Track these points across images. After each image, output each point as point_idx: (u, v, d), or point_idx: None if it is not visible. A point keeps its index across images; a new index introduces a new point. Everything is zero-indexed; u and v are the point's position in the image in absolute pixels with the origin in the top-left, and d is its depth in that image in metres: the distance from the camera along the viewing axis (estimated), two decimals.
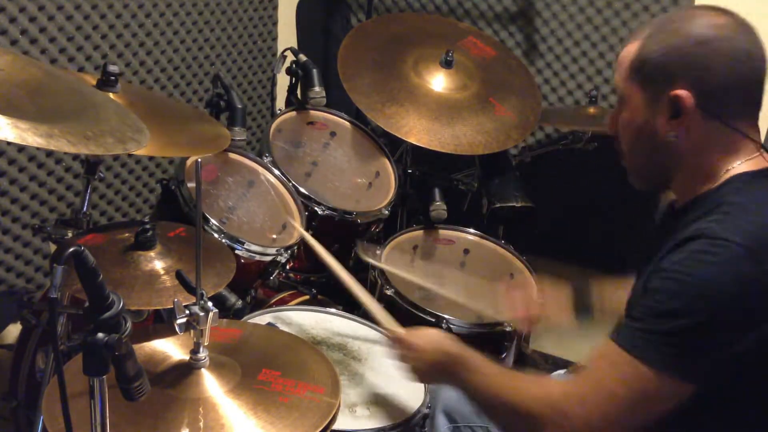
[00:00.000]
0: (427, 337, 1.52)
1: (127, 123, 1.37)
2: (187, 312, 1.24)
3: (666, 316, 1.15)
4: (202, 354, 1.31)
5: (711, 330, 1.13)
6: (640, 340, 1.16)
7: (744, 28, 1.26)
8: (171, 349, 1.40)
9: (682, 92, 1.23)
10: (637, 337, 1.17)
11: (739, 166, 1.26)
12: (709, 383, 1.16)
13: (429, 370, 1.49)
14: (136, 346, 1.05)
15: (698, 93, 1.23)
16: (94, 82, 1.77)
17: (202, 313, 1.25)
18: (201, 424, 1.23)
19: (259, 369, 1.36)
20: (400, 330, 1.59)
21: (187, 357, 1.33)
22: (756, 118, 1.29)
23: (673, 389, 1.16)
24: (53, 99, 1.29)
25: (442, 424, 1.71)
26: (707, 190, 1.28)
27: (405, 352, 1.53)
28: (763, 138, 1.29)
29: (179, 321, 1.24)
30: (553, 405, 1.23)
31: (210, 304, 1.26)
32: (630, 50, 1.30)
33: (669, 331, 1.14)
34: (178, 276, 1.32)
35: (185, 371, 1.31)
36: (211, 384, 1.30)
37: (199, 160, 1.20)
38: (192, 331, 1.27)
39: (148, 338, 1.42)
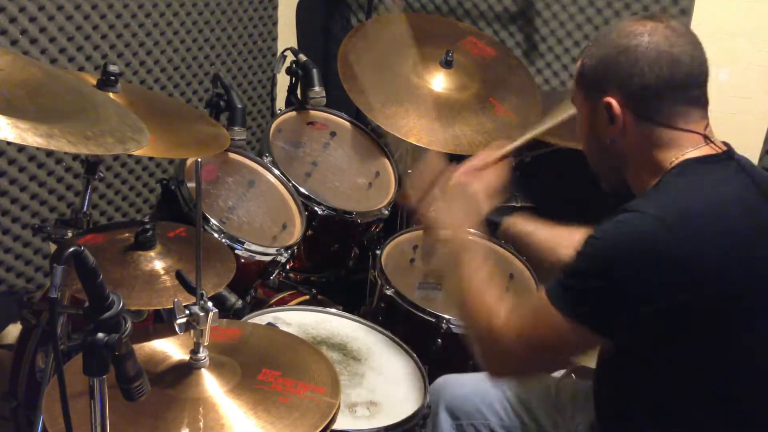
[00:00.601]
0: (465, 210, 1.58)
1: (127, 123, 1.37)
2: (187, 312, 1.24)
3: (579, 275, 1.27)
4: (202, 354, 1.31)
5: (617, 291, 1.22)
6: (560, 294, 1.28)
7: (672, 31, 1.32)
8: (171, 349, 1.40)
9: (610, 99, 1.33)
10: (558, 291, 1.28)
11: (685, 155, 1.32)
12: (622, 338, 1.28)
13: (441, 231, 1.57)
14: (136, 346, 1.05)
15: (625, 98, 1.32)
16: (94, 82, 1.77)
17: (202, 313, 1.25)
18: (201, 424, 1.23)
19: (259, 369, 1.36)
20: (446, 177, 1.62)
21: (187, 357, 1.32)
22: (699, 112, 1.34)
23: (585, 338, 1.27)
24: (53, 99, 1.29)
25: (444, 421, 1.71)
26: (654, 183, 1.34)
27: (443, 198, 1.59)
28: (763, 137, 1.31)
29: (179, 321, 1.24)
30: (495, 327, 1.35)
31: (210, 304, 1.26)
32: (579, 63, 1.41)
33: (581, 289, 1.25)
34: (178, 276, 1.32)
35: (185, 371, 1.31)
36: (211, 384, 1.30)
37: (199, 160, 1.20)
38: (192, 331, 1.27)
39: (148, 338, 1.42)
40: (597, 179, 1.49)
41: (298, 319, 1.90)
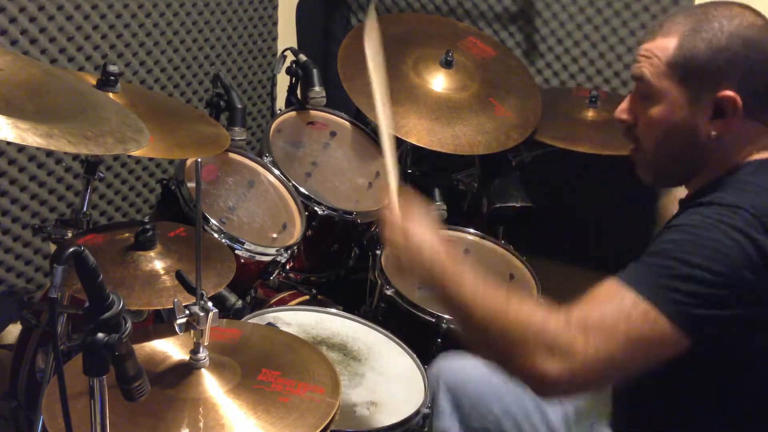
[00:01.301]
0: (418, 221, 1.36)
1: (127, 123, 1.37)
2: (187, 312, 1.24)
3: (680, 266, 1.14)
4: (202, 354, 1.31)
5: (720, 287, 1.13)
6: (652, 284, 1.14)
7: None
8: (171, 349, 1.40)
9: (730, 94, 1.23)
10: (648, 281, 1.15)
11: (756, 155, 1.28)
12: (704, 342, 1.15)
13: (407, 257, 1.34)
14: (135, 347, 1.05)
15: (745, 95, 1.23)
16: (94, 82, 1.77)
17: (202, 313, 1.25)
18: (201, 424, 1.23)
19: (259, 369, 1.36)
20: (396, 202, 1.43)
21: (187, 357, 1.33)
22: None
23: (674, 338, 1.13)
24: (53, 99, 1.29)
25: (444, 400, 1.66)
26: (721, 175, 1.28)
27: (390, 228, 1.38)
28: None
29: (179, 321, 1.24)
30: (549, 334, 1.14)
31: (210, 304, 1.26)
32: (665, 45, 1.27)
33: (681, 281, 1.13)
34: (178, 276, 1.32)
35: (185, 371, 1.32)
36: (211, 384, 1.30)
37: (200, 160, 1.20)
38: (192, 331, 1.27)
39: (148, 338, 1.42)
40: (646, 170, 1.37)
41: (298, 319, 1.90)
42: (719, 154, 1.29)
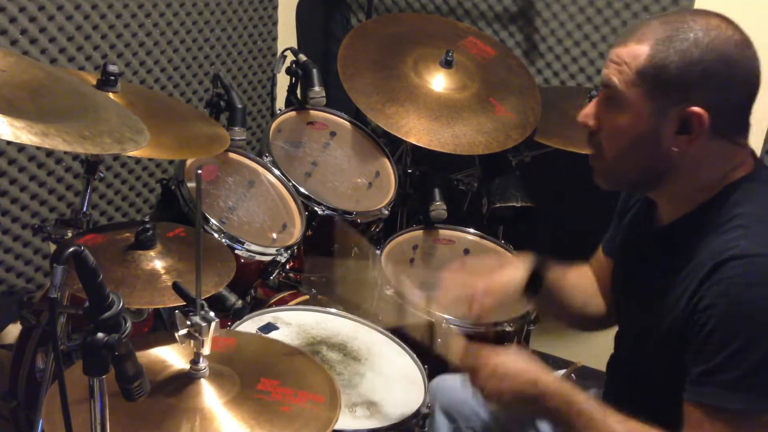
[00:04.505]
0: (511, 359, 1.36)
1: (127, 124, 1.37)
2: (189, 323, 1.22)
3: (738, 356, 1.12)
4: (203, 364, 1.29)
5: None
6: (728, 389, 1.13)
7: (749, 42, 1.22)
8: (170, 357, 1.37)
9: (698, 110, 1.18)
10: (727, 390, 1.14)
11: (732, 173, 1.25)
12: None
13: (513, 398, 1.34)
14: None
15: (714, 113, 1.19)
16: (94, 82, 1.76)
17: (203, 324, 1.22)
18: None
19: (258, 378, 1.34)
20: (475, 350, 1.43)
21: (186, 366, 1.30)
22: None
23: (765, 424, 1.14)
24: (55, 100, 1.29)
25: (441, 423, 1.71)
26: (706, 201, 1.26)
27: (485, 375, 1.36)
28: (762, 141, 1.28)
29: (181, 333, 1.22)
30: None
31: (212, 314, 1.24)
32: (637, 53, 1.22)
33: (747, 370, 1.12)
34: (176, 288, 1.30)
35: (185, 381, 1.29)
36: (211, 394, 1.28)
37: (199, 171, 1.17)
38: (192, 341, 1.25)
39: (148, 346, 1.39)
40: (606, 177, 1.34)
41: (298, 319, 1.90)
42: (688, 168, 1.25)
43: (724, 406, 1.15)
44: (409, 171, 2.55)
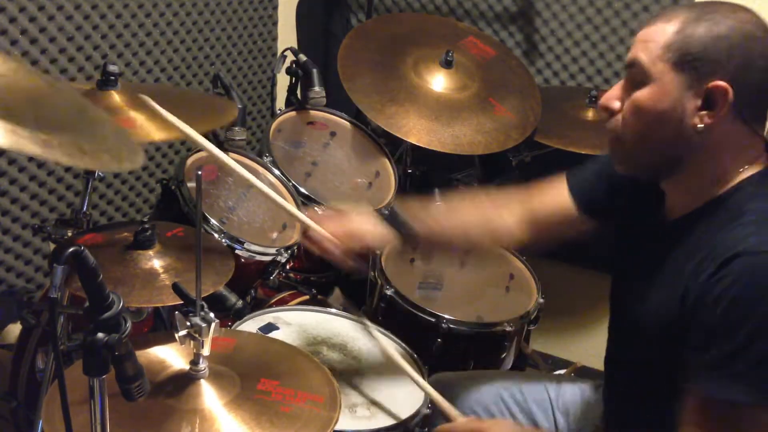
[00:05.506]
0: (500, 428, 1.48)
1: (124, 143, 1.37)
2: (188, 324, 1.22)
3: (743, 348, 1.13)
4: (203, 365, 1.28)
5: None
6: (730, 381, 1.15)
7: None
8: (169, 357, 1.37)
9: (723, 84, 1.19)
10: (728, 382, 1.15)
11: (749, 168, 1.25)
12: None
13: None
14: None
15: (737, 88, 1.20)
16: (91, 86, 1.75)
17: (203, 325, 1.22)
18: None
19: (258, 379, 1.33)
20: (463, 419, 1.54)
21: (186, 366, 1.29)
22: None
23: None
24: (54, 110, 1.28)
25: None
26: (720, 195, 1.26)
27: None
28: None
29: (181, 334, 1.22)
30: None
31: (212, 315, 1.23)
32: (664, 30, 1.23)
33: (752, 362, 1.13)
34: (176, 289, 1.30)
35: (185, 382, 1.28)
36: (211, 395, 1.27)
37: (200, 172, 1.17)
38: (192, 341, 1.25)
39: (147, 346, 1.39)
40: (625, 161, 1.35)
41: (298, 319, 1.90)
42: (703, 155, 1.26)
43: (727, 398, 1.16)
44: (409, 171, 2.54)
